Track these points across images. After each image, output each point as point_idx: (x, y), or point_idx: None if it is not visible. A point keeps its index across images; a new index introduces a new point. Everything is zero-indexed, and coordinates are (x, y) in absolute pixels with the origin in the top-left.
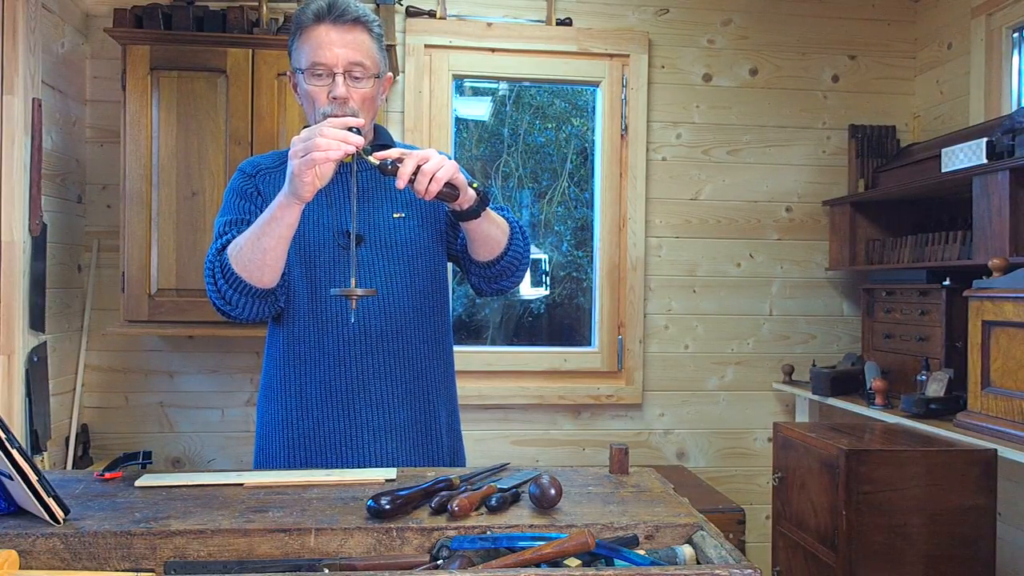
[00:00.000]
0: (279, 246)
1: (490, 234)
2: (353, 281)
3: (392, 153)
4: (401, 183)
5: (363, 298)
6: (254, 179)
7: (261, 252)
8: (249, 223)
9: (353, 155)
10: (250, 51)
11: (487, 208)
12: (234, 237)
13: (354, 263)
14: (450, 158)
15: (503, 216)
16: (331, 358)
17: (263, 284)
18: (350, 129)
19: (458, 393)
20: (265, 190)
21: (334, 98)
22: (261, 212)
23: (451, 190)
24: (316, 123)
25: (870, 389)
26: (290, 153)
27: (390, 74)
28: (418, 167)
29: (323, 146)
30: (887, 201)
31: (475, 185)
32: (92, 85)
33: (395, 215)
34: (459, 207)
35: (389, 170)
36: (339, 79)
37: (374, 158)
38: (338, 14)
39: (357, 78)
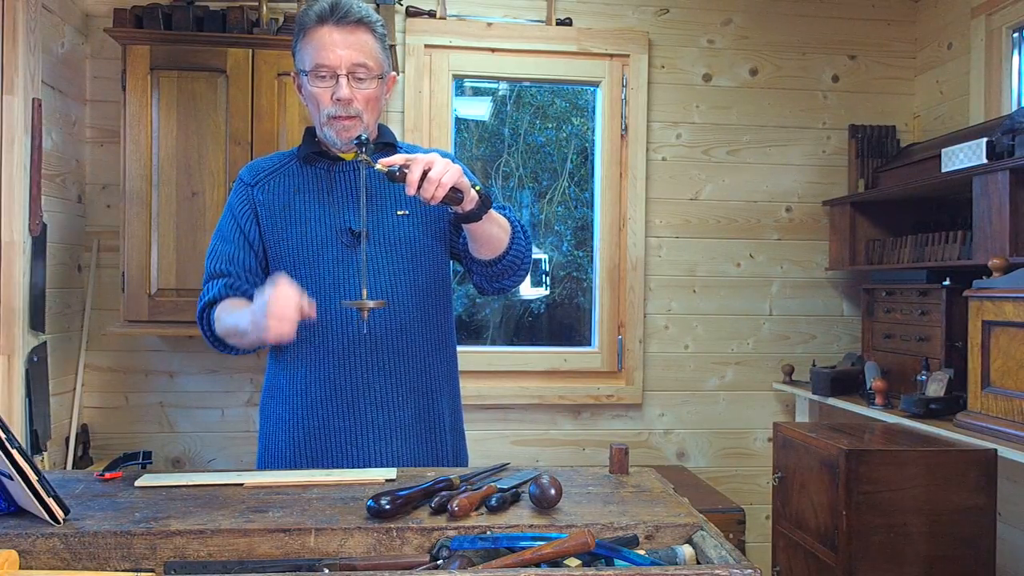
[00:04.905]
0: (254, 340)
1: (492, 234)
2: (364, 292)
3: (397, 159)
4: (411, 190)
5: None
6: (252, 189)
7: (239, 336)
8: (240, 262)
9: (361, 162)
10: (250, 51)
11: (489, 210)
12: (219, 293)
13: (364, 275)
14: (453, 159)
15: (504, 215)
16: (335, 357)
17: (248, 348)
18: (358, 139)
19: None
20: (263, 199)
21: (338, 100)
22: (254, 235)
23: (455, 193)
24: (320, 124)
25: (870, 389)
26: (267, 312)
27: (393, 73)
28: (424, 172)
29: (278, 329)
30: (887, 201)
31: (478, 188)
32: (92, 85)
33: (399, 212)
34: (462, 210)
35: (397, 177)
36: (343, 81)
37: (381, 166)
38: (341, 15)
39: (360, 79)
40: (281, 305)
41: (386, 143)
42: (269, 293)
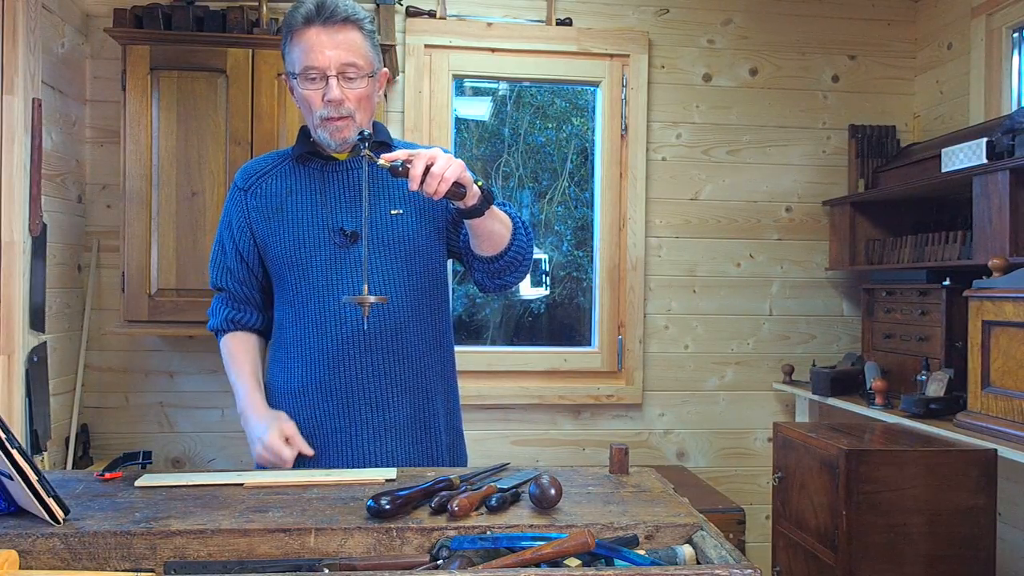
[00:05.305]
0: None
1: (493, 230)
2: (365, 287)
3: (399, 155)
4: (414, 185)
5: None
6: (246, 195)
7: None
8: (236, 275)
9: (364, 158)
10: (250, 51)
11: (491, 206)
12: (222, 325)
13: (365, 270)
14: (455, 155)
15: (505, 211)
16: (329, 358)
17: None
18: (360, 134)
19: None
20: (256, 203)
21: (328, 101)
22: (247, 246)
23: (458, 188)
24: (314, 126)
25: (870, 389)
26: (262, 443)
27: (385, 70)
28: (427, 168)
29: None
30: (887, 201)
31: (480, 183)
32: (92, 85)
33: (393, 212)
34: (464, 205)
35: (400, 172)
36: (332, 82)
37: (384, 161)
38: (327, 15)
39: (351, 79)
40: (270, 456)
41: (380, 142)
42: (265, 440)
